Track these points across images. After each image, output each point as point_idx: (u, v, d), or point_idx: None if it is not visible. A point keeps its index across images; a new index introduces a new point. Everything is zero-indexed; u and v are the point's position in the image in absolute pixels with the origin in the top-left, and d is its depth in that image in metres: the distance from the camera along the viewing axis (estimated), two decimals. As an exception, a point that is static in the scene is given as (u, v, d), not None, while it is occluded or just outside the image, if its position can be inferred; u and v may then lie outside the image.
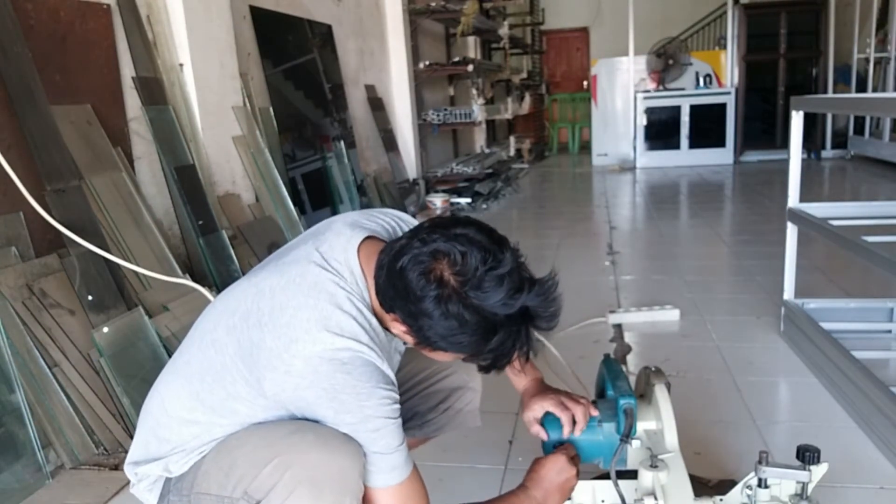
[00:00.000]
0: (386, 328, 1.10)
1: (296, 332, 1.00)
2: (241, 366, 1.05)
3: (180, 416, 1.11)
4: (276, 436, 1.03)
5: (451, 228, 1.01)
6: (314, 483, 0.98)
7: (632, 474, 1.27)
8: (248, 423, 1.08)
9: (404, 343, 1.20)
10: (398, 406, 1.05)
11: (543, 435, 1.31)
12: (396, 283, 1.00)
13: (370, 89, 5.53)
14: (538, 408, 1.32)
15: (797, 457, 1.22)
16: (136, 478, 1.17)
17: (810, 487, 1.23)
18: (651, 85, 8.71)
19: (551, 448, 1.31)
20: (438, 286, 0.97)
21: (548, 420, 1.32)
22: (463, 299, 0.96)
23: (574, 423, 1.29)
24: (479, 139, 8.89)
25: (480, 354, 1.02)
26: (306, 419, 1.04)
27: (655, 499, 1.18)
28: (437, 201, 5.67)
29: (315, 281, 1.04)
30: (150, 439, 1.14)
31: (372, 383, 1.01)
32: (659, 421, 1.29)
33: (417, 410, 1.45)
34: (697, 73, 8.52)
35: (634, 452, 1.29)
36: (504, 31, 8.87)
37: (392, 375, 1.07)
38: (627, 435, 1.25)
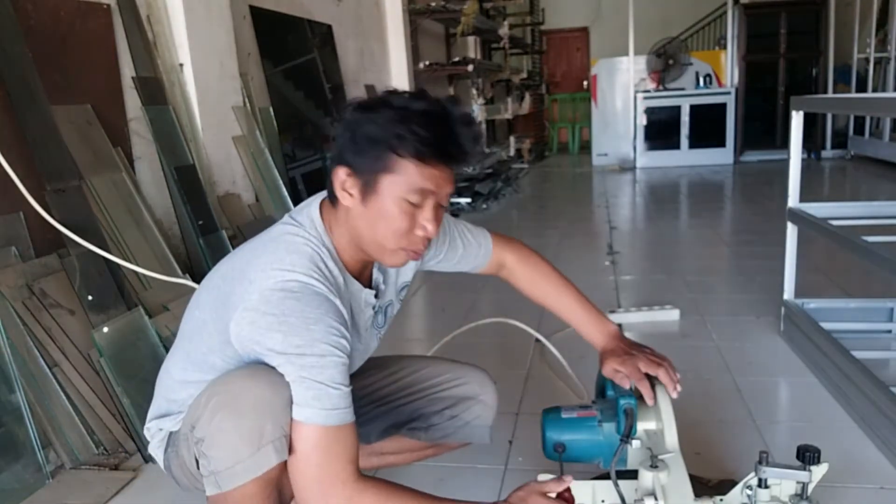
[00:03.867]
0: (351, 262, 1.18)
1: (254, 274, 1.09)
2: (215, 316, 1.13)
3: (179, 378, 1.23)
4: (220, 377, 1.13)
5: None
6: (233, 407, 1.06)
7: (632, 474, 1.27)
8: None
9: (375, 296, 1.25)
10: (346, 344, 1.08)
11: (626, 383, 1.29)
12: (335, 138, 1.14)
13: (370, 89, 5.53)
14: (614, 367, 1.32)
15: (797, 457, 1.22)
16: (149, 434, 1.29)
17: (810, 487, 1.23)
18: (651, 85, 8.71)
19: (552, 448, 1.31)
20: (360, 101, 1.13)
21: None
22: (381, 101, 1.12)
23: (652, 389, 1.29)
24: (479, 139, 8.88)
25: (413, 129, 1.07)
26: (261, 363, 1.09)
27: (655, 499, 1.18)
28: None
29: (278, 232, 1.16)
30: (161, 401, 1.28)
31: (321, 311, 1.06)
32: (659, 421, 1.29)
33: (423, 412, 1.47)
34: (697, 73, 8.52)
35: (634, 452, 1.29)
36: (504, 31, 8.87)
37: (346, 314, 1.12)
38: (627, 435, 1.25)
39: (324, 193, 1.21)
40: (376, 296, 1.26)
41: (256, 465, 1.04)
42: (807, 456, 1.21)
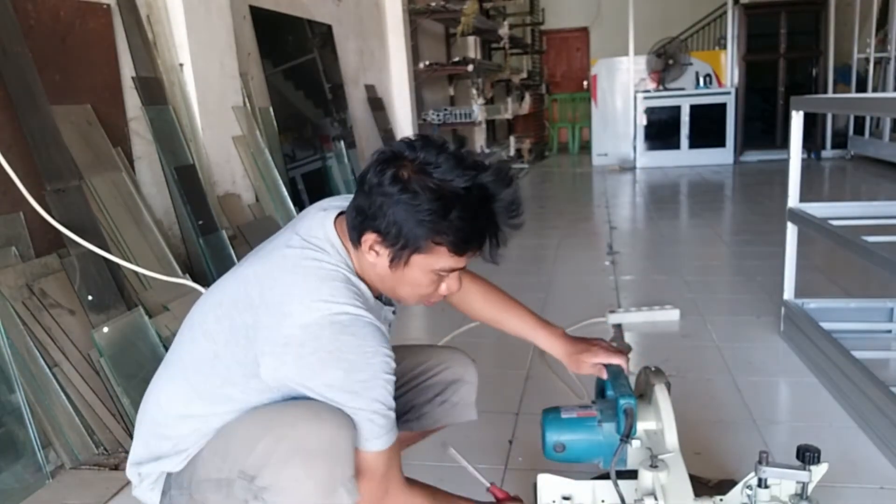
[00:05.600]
0: (372, 286, 1.13)
1: (289, 307, 1.03)
2: (234, 349, 1.07)
3: (178, 412, 1.13)
4: (268, 415, 1.06)
5: (406, 138, 1.09)
6: (306, 454, 1.01)
7: (632, 474, 1.27)
8: (243, 410, 1.10)
9: (393, 312, 1.24)
10: (395, 366, 1.08)
11: (604, 374, 1.35)
12: (363, 189, 1.06)
13: (370, 89, 5.53)
14: (590, 359, 1.37)
15: (797, 457, 1.22)
16: (138, 478, 1.18)
17: (810, 487, 1.23)
18: (651, 85, 8.70)
19: (552, 448, 1.31)
20: (396, 168, 1.03)
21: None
22: (420, 175, 1.02)
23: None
24: (479, 139, 8.89)
25: (446, 228, 1.03)
26: (302, 397, 1.06)
27: (655, 499, 1.18)
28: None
29: (299, 258, 1.09)
30: (149, 439, 1.16)
31: (376, 342, 1.04)
32: (659, 421, 1.29)
33: (414, 404, 1.47)
34: (697, 73, 8.52)
35: (634, 452, 1.30)
36: (504, 31, 8.87)
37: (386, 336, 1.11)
38: (627, 435, 1.25)
39: (332, 208, 1.17)
40: (394, 312, 1.25)
41: None
42: (807, 456, 1.21)
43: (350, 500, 1.03)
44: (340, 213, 1.15)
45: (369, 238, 1.06)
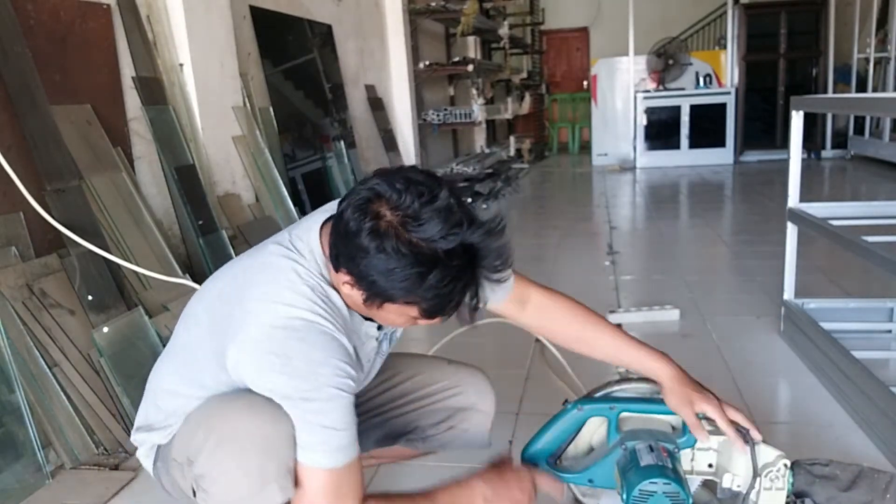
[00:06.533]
0: (350, 307, 1.10)
1: (251, 304, 1.05)
2: (211, 339, 1.10)
3: (167, 389, 1.20)
4: (215, 405, 1.10)
5: (392, 173, 1.01)
6: (237, 446, 1.03)
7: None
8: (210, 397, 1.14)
9: (379, 328, 1.20)
10: (353, 383, 1.05)
11: (702, 433, 1.26)
12: (338, 229, 1.01)
13: (370, 89, 5.53)
14: (702, 406, 1.28)
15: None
16: (136, 442, 1.27)
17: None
18: (651, 85, 8.70)
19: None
20: (374, 219, 0.96)
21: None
22: (399, 233, 0.95)
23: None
24: (479, 139, 8.89)
25: (421, 294, 0.97)
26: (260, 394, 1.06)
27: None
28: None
29: (276, 260, 1.09)
30: (149, 407, 1.25)
31: (326, 352, 1.03)
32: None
33: (419, 424, 1.44)
34: (697, 73, 8.52)
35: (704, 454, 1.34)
36: (504, 31, 8.86)
37: (352, 350, 1.08)
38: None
39: (322, 216, 1.13)
40: (379, 327, 1.20)
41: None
42: None
43: (282, 496, 1.03)
44: (329, 219, 1.11)
45: (343, 276, 1.02)
